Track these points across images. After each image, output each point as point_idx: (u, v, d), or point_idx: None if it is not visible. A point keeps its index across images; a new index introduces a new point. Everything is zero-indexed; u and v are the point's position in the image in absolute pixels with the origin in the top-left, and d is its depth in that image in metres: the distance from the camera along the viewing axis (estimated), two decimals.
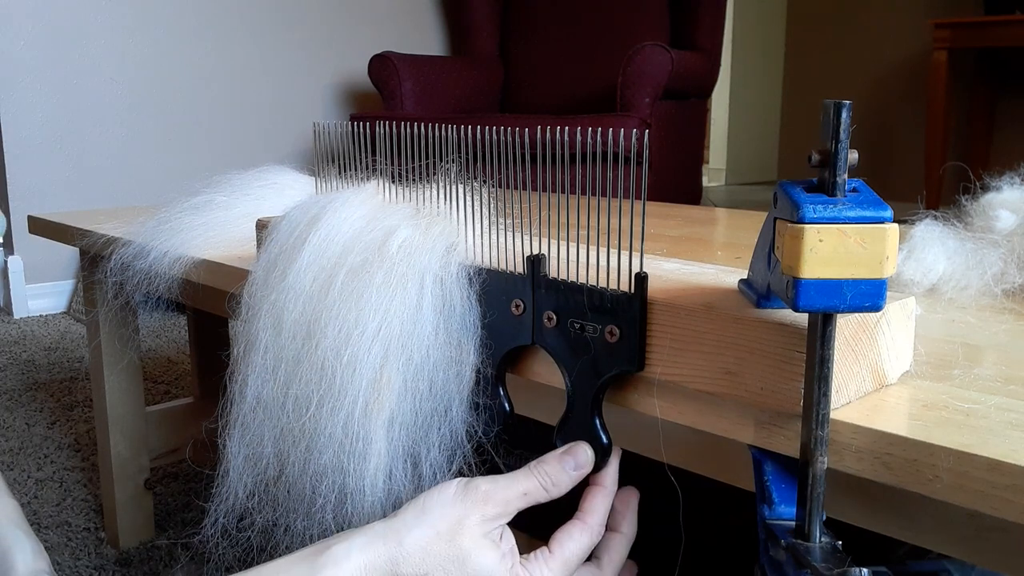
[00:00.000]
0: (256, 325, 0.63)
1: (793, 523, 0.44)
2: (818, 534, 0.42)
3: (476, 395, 0.59)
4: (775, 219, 0.42)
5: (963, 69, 3.64)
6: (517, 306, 0.56)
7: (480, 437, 0.59)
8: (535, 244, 0.55)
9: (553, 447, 0.56)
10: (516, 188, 0.55)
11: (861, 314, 0.44)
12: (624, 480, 0.56)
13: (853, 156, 0.39)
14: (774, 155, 4.97)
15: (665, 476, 0.55)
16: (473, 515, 0.50)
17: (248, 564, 0.55)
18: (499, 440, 0.59)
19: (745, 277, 0.51)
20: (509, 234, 0.57)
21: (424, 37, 3.52)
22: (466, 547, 0.48)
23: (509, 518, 0.51)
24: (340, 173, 0.69)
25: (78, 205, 2.70)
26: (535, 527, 0.53)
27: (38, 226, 1.23)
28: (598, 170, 0.50)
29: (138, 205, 1.27)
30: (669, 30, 3.00)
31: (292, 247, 0.63)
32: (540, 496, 0.52)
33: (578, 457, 0.53)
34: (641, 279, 0.49)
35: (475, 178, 0.59)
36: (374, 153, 0.66)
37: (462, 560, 0.48)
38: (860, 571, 0.39)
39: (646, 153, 0.47)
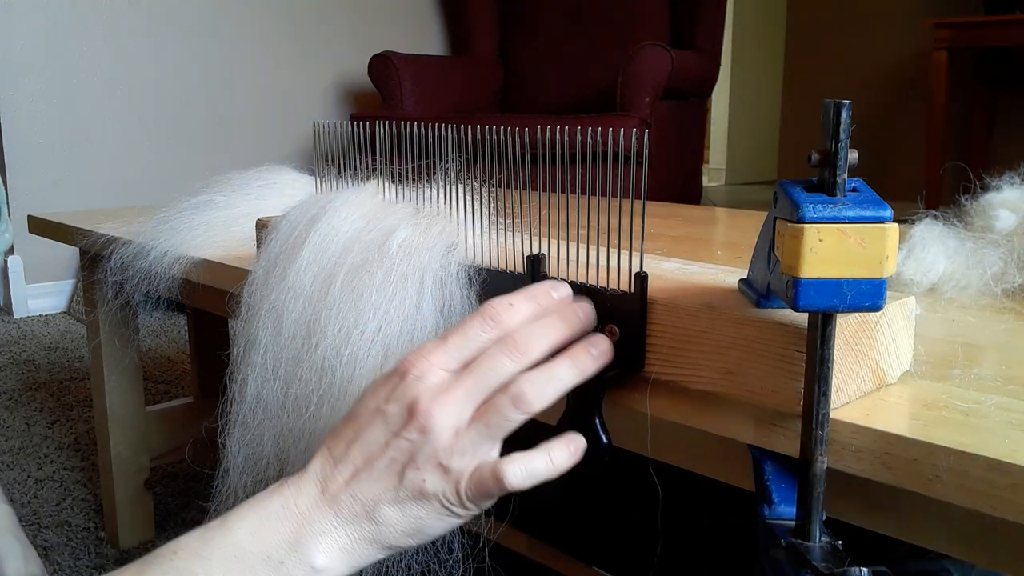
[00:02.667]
0: (256, 325, 0.63)
1: (793, 523, 0.44)
2: (818, 534, 0.42)
3: None
4: (775, 219, 0.42)
5: (963, 69, 3.63)
6: None
7: None
8: (535, 244, 0.55)
9: None
10: (516, 188, 0.55)
11: (861, 314, 0.44)
12: (622, 479, 0.56)
13: (853, 156, 0.39)
14: (774, 155, 4.96)
15: (672, 476, 0.55)
16: None
17: None
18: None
19: (745, 277, 0.51)
20: (509, 234, 0.57)
21: (424, 37, 3.52)
22: None
23: None
24: (340, 173, 0.69)
25: (78, 205, 2.70)
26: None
27: (38, 226, 1.23)
28: (598, 170, 0.50)
29: (138, 205, 1.27)
30: (669, 30, 3.00)
31: (292, 247, 0.63)
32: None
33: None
34: (641, 279, 0.49)
35: (475, 178, 0.59)
36: (374, 153, 0.66)
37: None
38: (860, 571, 0.39)
39: (646, 153, 0.47)
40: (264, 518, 0.46)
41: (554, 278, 0.54)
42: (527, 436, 0.62)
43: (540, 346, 0.48)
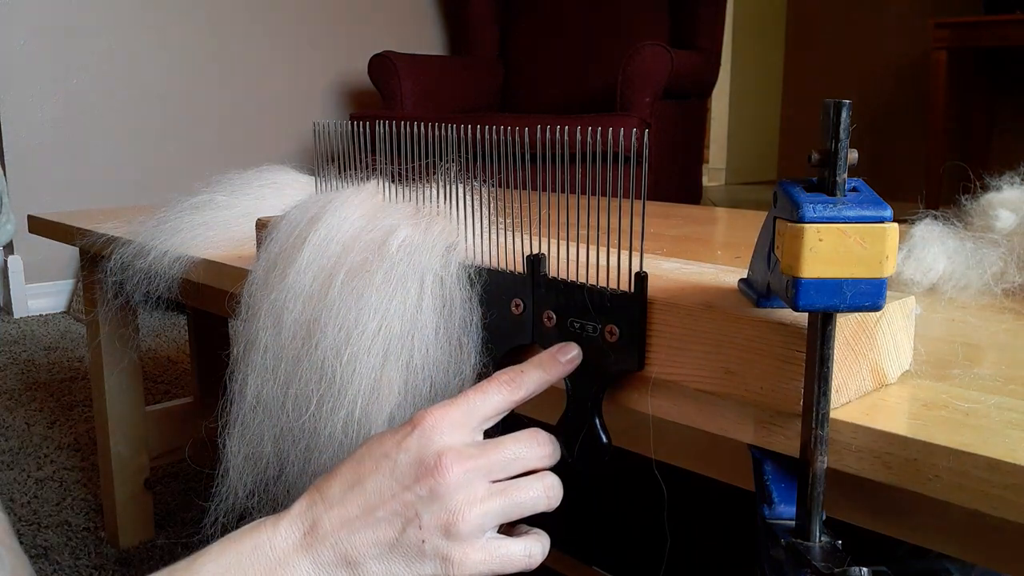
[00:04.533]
0: (256, 324, 0.63)
1: (793, 523, 0.44)
2: (818, 533, 0.42)
3: None
4: (775, 218, 0.42)
5: (963, 69, 3.63)
6: (517, 305, 0.56)
7: None
8: (535, 243, 0.55)
9: None
10: (516, 188, 0.55)
11: (861, 313, 0.44)
12: (621, 479, 0.56)
13: (853, 155, 0.39)
14: (774, 155, 4.97)
15: (673, 478, 0.55)
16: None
17: None
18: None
19: (745, 277, 0.51)
20: (509, 233, 0.57)
21: (424, 37, 3.51)
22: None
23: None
24: (340, 173, 0.69)
25: (78, 205, 2.70)
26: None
27: (38, 226, 1.23)
28: (598, 170, 0.50)
29: (138, 205, 1.27)
30: (669, 30, 2.99)
31: (292, 247, 0.63)
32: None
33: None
34: (641, 278, 0.49)
35: (475, 178, 0.59)
36: (374, 153, 0.66)
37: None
38: (860, 571, 0.39)
39: (646, 153, 0.47)
40: (235, 561, 0.44)
41: (554, 278, 0.54)
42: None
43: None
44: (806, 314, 0.41)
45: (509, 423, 0.59)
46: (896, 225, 0.38)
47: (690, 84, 2.77)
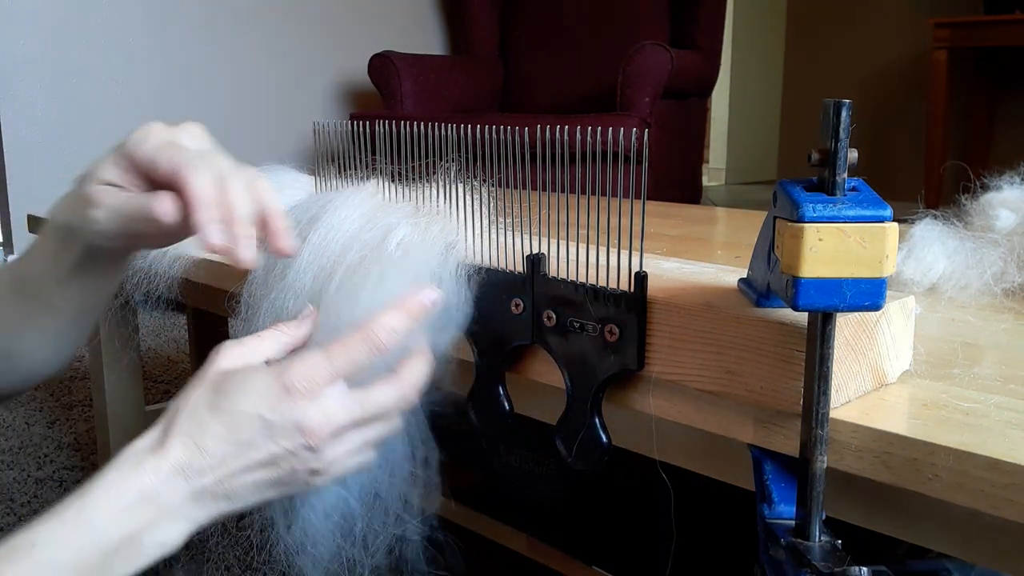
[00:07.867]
0: (256, 324, 0.63)
1: (793, 522, 0.44)
2: (818, 533, 0.42)
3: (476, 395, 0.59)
4: (775, 218, 0.42)
5: (963, 68, 3.63)
6: (517, 305, 0.56)
7: (481, 436, 0.59)
8: (535, 243, 0.55)
9: (553, 446, 0.56)
10: (516, 187, 0.55)
11: (861, 313, 0.44)
12: (621, 479, 0.56)
13: (853, 155, 0.39)
14: (774, 155, 4.97)
15: (667, 475, 0.55)
16: None
17: (248, 563, 0.55)
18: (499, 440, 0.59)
19: (745, 276, 0.51)
20: (509, 233, 0.57)
21: (424, 37, 3.51)
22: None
23: None
24: (340, 172, 0.69)
25: None
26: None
27: (38, 226, 1.23)
28: (598, 170, 0.50)
29: None
30: (669, 30, 2.99)
31: None
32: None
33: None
34: (641, 278, 0.49)
35: (475, 177, 0.59)
36: (374, 152, 0.66)
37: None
38: (860, 570, 0.39)
39: (646, 152, 0.47)
40: (124, 507, 0.48)
41: (554, 278, 0.54)
42: (535, 438, 0.62)
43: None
44: (806, 314, 0.41)
45: (509, 423, 0.59)
46: (896, 225, 0.38)
47: (690, 84, 2.77)
